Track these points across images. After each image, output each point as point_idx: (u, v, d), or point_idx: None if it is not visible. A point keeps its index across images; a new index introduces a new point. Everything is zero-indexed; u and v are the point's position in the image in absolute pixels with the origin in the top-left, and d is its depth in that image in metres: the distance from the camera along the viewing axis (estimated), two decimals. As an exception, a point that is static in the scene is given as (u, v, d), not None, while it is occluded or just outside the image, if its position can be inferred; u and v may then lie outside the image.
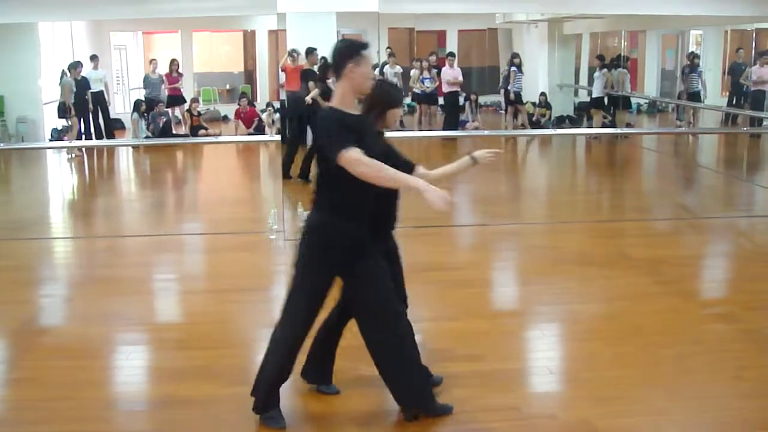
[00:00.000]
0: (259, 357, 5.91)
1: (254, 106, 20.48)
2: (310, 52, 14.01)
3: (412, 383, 4.67)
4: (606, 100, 19.37)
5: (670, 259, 8.41)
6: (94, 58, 18.78)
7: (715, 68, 24.44)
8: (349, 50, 4.30)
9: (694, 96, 19.14)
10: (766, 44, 23.86)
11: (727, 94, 21.47)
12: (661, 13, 17.59)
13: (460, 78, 18.41)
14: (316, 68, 13.56)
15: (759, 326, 6.37)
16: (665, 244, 9.19)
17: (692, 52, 21.98)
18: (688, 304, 6.99)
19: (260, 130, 19.17)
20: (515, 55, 20.25)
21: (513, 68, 19.75)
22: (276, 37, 22.51)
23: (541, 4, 18.57)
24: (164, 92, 19.07)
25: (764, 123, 17.15)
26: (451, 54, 19.35)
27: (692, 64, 19.93)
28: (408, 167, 4.73)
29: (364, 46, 4.37)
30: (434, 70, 19.87)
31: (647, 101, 24.34)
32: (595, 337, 6.03)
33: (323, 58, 13.51)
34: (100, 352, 5.91)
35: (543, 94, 21.39)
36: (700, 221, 10.62)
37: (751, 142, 17.70)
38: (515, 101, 19.96)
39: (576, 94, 23.62)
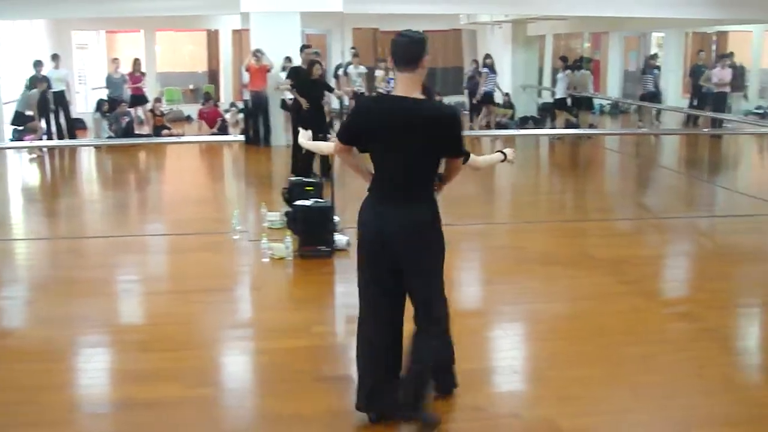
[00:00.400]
0: (224, 358, 5.93)
1: (218, 106, 20.39)
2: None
3: None
4: (569, 101, 19.50)
5: (633, 258, 8.48)
6: (55, 57, 18.58)
7: (677, 70, 24.73)
8: (425, 44, 4.37)
9: (648, 97, 19.36)
10: (726, 47, 24.19)
11: (689, 95, 21.70)
12: (624, 15, 17.77)
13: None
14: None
15: (719, 325, 6.45)
16: (628, 244, 9.27)
17: (649, 54, 22.23)
18: (651, 303, 7.06)
19: (224, 130, 19.09)
20: (487, 56, 20.33)
21: (485, 69, 19.82)
22: (240, 36, 22.44)
23: (504, 5, 18.68)
24: (127, 92, 18.92)
25: (725, 124, 17.36)
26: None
27: (647, 66, 20.15)
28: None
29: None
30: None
31: (610, 102, 24.55)
32: (559, 337, 6.07)
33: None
34: (62, 355, 5.85)
35: (507, 94, 21.51)
36: (662, 221, 10.72)
37: (712, 143, 17.91)
38: (487, 101, 20.04)
39: (539, 95, 23.76)
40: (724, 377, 5.41)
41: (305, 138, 5.66)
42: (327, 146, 5.22)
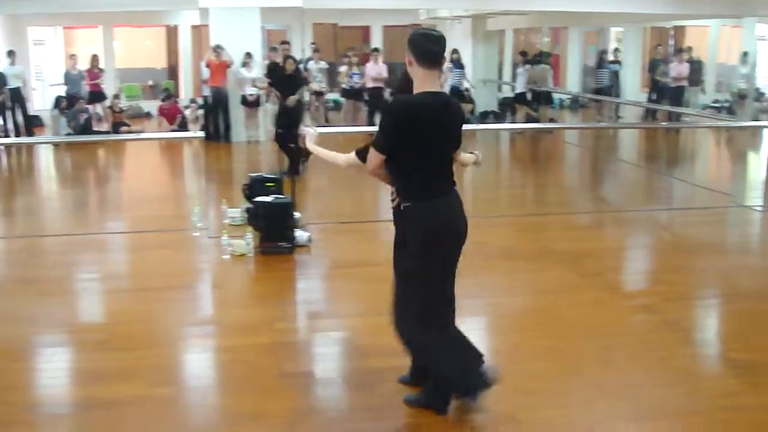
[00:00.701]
0: (185, 356, 5.89)
1: (177, 102, 20.25)
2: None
3: None
4: (529, 95, 19.61)
5: (593, 252, 8.56)
6: (11, 53, 18.34)
7: (635, 64, 24.95)
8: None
9: (602, 91, 19.59)
10: (683, 41, 24.43)
11: (647, 89, 21.91)
12: (582, 10, 17.89)
13: (385, 74, 18.44)
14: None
15: (678, 317, 6.53)
16: (588, 238, 9.34)
17: (602, 49, 22.44)
18: (611, 296, 7.13)
19: (184, 126, 18.96)
20: (454, 51, 20.39)
21: (450, 64, 19.86)
22: (199, 32, 22.30)
23: (464, 0, 18.73)
24: (85, 88, 18.75)
25: (682, 118, 17.53)
26: (376, 50, 19.38)
27: (601, 60, 20.36)
28: None
29: None
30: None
31: (570, 97, 24.71)
32: (520, 330, 6.11)
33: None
34: (20, 355, 5.79)
35: (467, 89, 21.57)
36: (622, 214, 10.81)
37: (670, 137, 18.11)
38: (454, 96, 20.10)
39: (500, 89, 23.86)
40: (683, 368, 5.47)
41: (313, 141, 5.39)
42: (345, 158, 5.03)
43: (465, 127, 4.62)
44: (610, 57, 21.83)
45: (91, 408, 4.89)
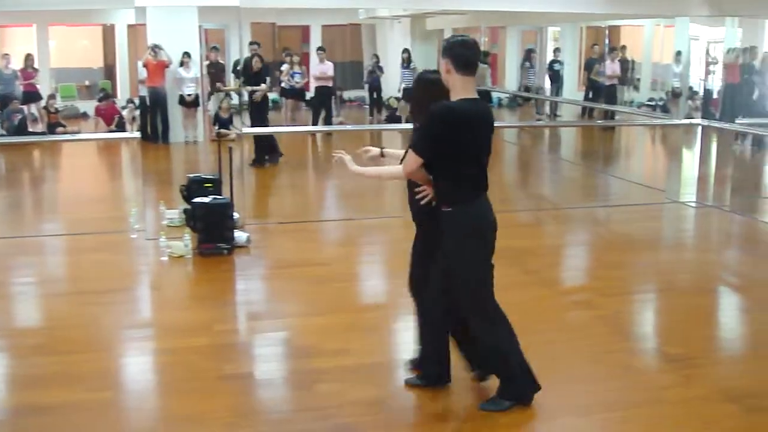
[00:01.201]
0: (123, 360, 5.83)
1: (115, 103, 19.99)
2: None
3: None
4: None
5: (533, 249, 8.65)
6: (-60, 53, 17.96)
7: (572, 63, 25.22)
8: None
9: (529, 89, 19.88)
10: (618, 41, 24.76)
11: (585, 88, 22.17)
12: (519, 9, 18.02)
13: (330, 72, 18.38)
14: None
15: (614, 311, 6.64)
16: (528, 235, 9.43)
17: (529, 48, 22.72)
18: (551, 292, 7.22)
19: (121, 126, 18.72)
20: (404, 51, 20.47)
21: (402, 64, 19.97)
22: (135, 31, 22.03)
23: (401, 0, 18.75)
24: (19, 88, 18.41)
25: (617, 116, 17.79)
26: (321, 48, 19.29)
27: (530, 59, 20.62)
28: None
29: None
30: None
31: (508, 95, 24.91)
32: (460, 328, 6.15)
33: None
34: (-47, 361, 5.69)
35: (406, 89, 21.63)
36: (561, 212, 10.94)
37: (606, 135, 18.36)
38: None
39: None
40: (619, 363, 5.57)
41: (351, 165, 5.26)
42: (396, 170, 4.99)
43: (404, 126, 4.69)
44: (551, 56, 22.08)
45: (28, 414, 4.81)
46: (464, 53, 4.51)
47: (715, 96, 16.26)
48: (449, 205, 4.63)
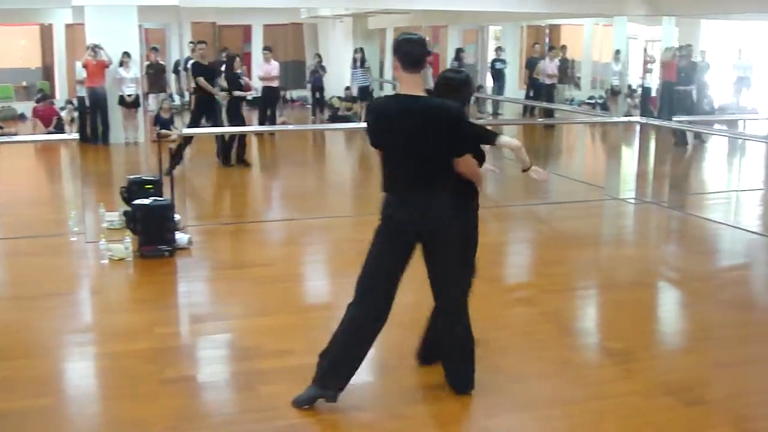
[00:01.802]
0: (63, 365, 5.74)
1: (53, 104, 19.67)
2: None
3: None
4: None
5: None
6: None
7: (513, 62, 25.43)
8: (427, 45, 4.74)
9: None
10: (559, 40, 25.05)
11: (526, 87, 22.37)
12: (459, 8, 18.13)
13: (275, 73, 18.24)
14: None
15: (556, 308, 6.71)
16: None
17: (458, 48, 22.90)
18: (492, 289, 7.24)
19: (60, 128, 18.44)
20: (356, 50, 20.48)
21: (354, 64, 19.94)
22: (73, 31, 21.71)
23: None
24: (-47, 90, 18.07)
25: (557, 115, 17.97)
26: (267, 48, 19.15)
27: (458, 59, 20.81)
28: None
29: None
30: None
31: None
32: (403, 327, 6.12)
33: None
34: None
35: (348, 88, 21.62)
36: (502, 209, 11.02)
37: (546, 133, 18.53)
38: (363, 97, 20.14)
39: (381, 87, 23.97)
40: (562, 358, 5.63)
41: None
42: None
43: (346, 126, 4.69)
44: (493, 55, 22.23)
45: (-36, 423, 4.73)
46: (410, 51, 4.56)
47: (653, 94, 16.54)
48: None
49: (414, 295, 6.70)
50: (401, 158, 4.67)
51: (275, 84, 18.12)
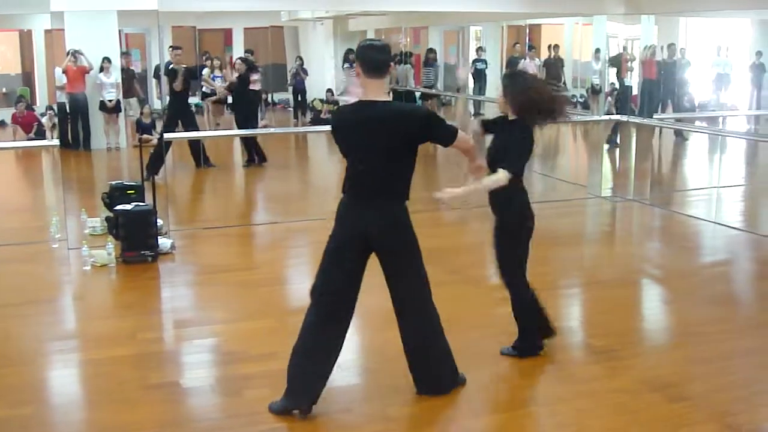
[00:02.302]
0: (46, 372, 5.71)
1: (33, 110, 19.57)
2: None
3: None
4: (391, 95, 19.78)
5: (457, 247, 8.72)
6: None
7: (494, 62, 25.44)
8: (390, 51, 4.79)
9: (429, 89, 20.23)
10: (539, 39, 25.07)
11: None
12: (439, 9, 18.14)
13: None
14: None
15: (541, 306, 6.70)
16: (452, 234, 9.52)
17: (429, 48, 22.99)
18: (475, 290, 7.28)
19: (41, 134, 18.34)
20: (349, 51, 20.50)
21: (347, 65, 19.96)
22: (52, 36, 21.61)
23: (324, 1, 18.71)
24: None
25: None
26: (249, 52, 19.13)
27: (428, 59, 20.86)
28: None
29: None
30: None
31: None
32: (387, 329, 6.09)
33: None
34: None
35: (329, 90, 21.60)
36: (487, 209, 10.94)
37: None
38: None
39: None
40: (547, 356, 5.63)
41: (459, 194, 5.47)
42: (497, 179, 5.44)
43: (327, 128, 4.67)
44: (474, 56, 22.25)
45: (-54, 432, 4.69)
46: (373, 57, 4.55)
47: (634, 92, 16.57)
48: None
49: (388, 297, 6.70)
50: (361, 163, 4.68)
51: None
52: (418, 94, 22.60)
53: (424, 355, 4.97)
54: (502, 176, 5.28)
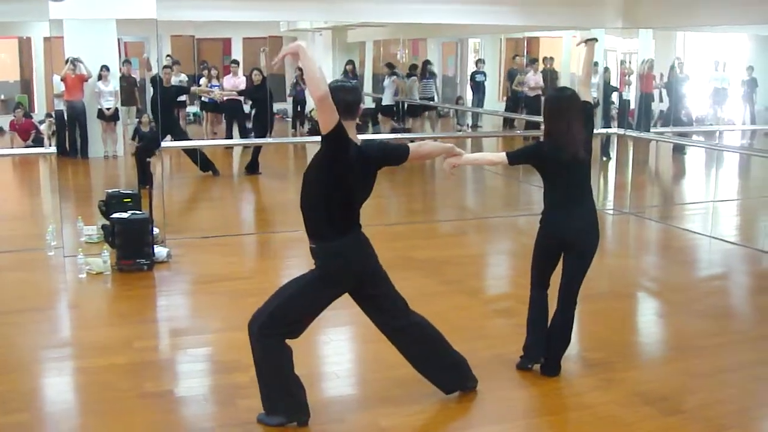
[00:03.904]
0: (41, 380, 5.70)
1: (31, 117, 19.57)
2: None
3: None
4: (396, 107, 19.86)
5: (454, 259, 8.72)
6: None
7: (493, 75, 25.48)
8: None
9: (428, 101, 20.25)
10: (537, 51, 25.12)
11: (506, 99, 22.41)
12: (438, 22, 18.18)
13: (242, 86, 18.20)
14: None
15: (535, 320, 6.70)
16: (449, 245, 9.51)
17: (426, 60, 23.01)
18: (471, 301, 7.29)
19: (39, 142, 18.35)
20: (348, 62, 20.55)
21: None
22: (50, 44, 21.61)
23: (323, 12, 18.70)
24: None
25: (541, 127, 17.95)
26: (235, 62, 19.16)
27: (425, 72, 20.92)
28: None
29: None
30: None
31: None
32: (381, 339, 6.11)
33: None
34: None
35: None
36: (482, 221, 11.05)
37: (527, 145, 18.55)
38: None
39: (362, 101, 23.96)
40: (538, 370, 5.62)
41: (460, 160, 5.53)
42: (494, 157, 5.92)
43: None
44: (474, 67, 22.29)
45: (-61, 439, 4.69)
46: (343, 98, 4.46)
47: (632, 106, 16.61)
48: None
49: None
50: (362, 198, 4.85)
51: (240, 97, 18.02)
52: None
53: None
54: (500, 156, 5.65)
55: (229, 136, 17.49)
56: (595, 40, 6.05)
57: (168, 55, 20.98)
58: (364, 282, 4.82)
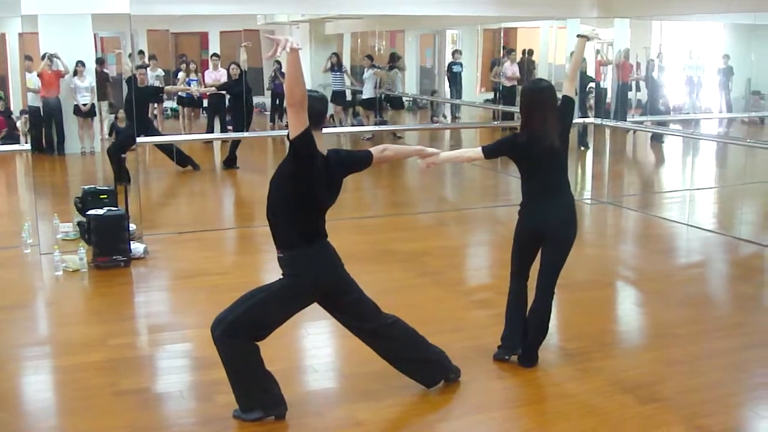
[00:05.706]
0: (21, 379, 5.65)
1: (11, 114, 19.42)
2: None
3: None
4: (377, 100, 19.84)
5: (433, 250, 8.72)
6: None
7: (471, 66, 25.49)
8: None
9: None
10: (515, 42, 25.16)
11: (485, 90, 22.44)
12: (413, 13, 18.17)
13: (223, 80, 18.15)
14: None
15: (513, 310, 6.72)
16: (428, 237, 9.51)
17: (393, 53, 23.07)
18: (449, 293, 7.29)
19: (14, 139, 18.21)
20: (333, 55, 20.57)
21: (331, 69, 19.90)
22: (23, 40, 21.44)
23: (299, 5, 18.65)
24: None
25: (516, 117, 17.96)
26: (215, 55, 19.08)
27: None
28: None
29: None
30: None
31: (409, 99, 25.02)
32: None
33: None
34: None
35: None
36: (461, 212, 11.06)
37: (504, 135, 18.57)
38: (341, 103, 20.15)
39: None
40: (515, 362, 5.62)
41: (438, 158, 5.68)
42: (471, 153, 5.85)
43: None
44: (450, 59, 22.29)
45: None
46: (313, 105, 4.45)
47: (609, 95, 16.66)
48: None
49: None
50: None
51: (222, 91, 17.96)
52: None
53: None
54: (475, 151, 5.63)
55: (211, 131, 17.41)
56: (587, 38, 5.99)
57: (141, 51, 20.84)
58: (332, 292, 4.78)
